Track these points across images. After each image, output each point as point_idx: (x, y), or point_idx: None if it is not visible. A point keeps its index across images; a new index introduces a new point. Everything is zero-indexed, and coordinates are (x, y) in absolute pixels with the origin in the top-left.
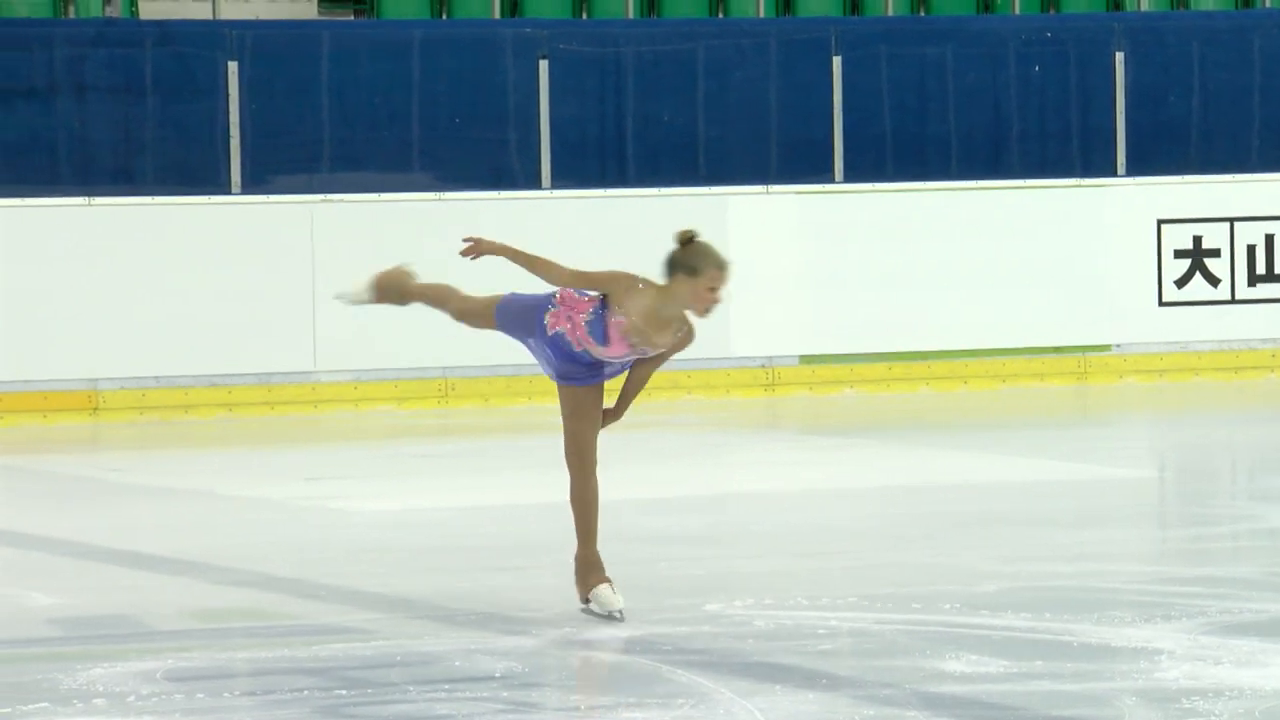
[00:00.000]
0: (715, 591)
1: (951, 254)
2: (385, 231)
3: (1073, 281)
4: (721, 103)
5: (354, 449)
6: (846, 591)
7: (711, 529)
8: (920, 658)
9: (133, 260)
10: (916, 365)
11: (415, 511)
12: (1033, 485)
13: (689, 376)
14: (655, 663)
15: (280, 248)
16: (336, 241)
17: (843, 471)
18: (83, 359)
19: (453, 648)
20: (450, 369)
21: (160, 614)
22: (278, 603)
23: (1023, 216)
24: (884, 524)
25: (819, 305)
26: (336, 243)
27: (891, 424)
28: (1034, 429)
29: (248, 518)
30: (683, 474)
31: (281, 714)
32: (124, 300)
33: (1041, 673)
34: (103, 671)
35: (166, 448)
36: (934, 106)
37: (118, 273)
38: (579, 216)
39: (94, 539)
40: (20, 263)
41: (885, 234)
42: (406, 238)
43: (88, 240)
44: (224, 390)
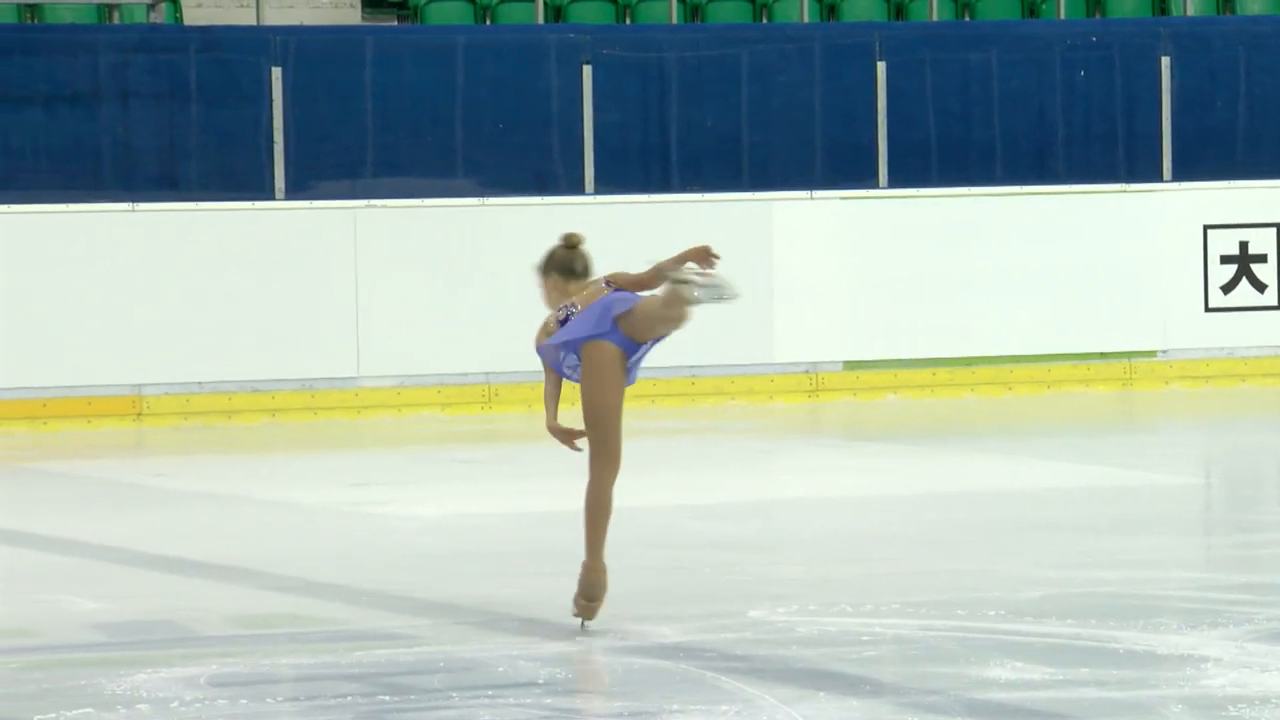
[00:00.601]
0: (759, 598)
1: (996, 259)
2: (428, 237)
3: (1119, 287)
4: (765, 108)
5: (397, 455)
6: (890, 598)
7: (755, 535)
8: (964, 665)
9: (177, 266)
10: (961, 371)
11: (458, 517)
12: (1078, 491)
13: (732, 382)
14: (699, 669)
15: (323, 253)
16: (379, 247)
17: (886, 478)
18: (127, 364)
19: (496, 653)
20: (494, 374)
21: (204, 619)
22: (321, 608)
23: (1068, 222)
24: (928, 530)
25: (863, 310)
26: (379, 248)
27: (936, 430)
28: (1080, 435)
29: (291, 523)
30: (726, 480)
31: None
32: (168, 306)
33: (1086, 680)
34: (146, 677)
35: (210, 453)
36: (978, 111)
37: (162, 278)
38: (622, 222)
39: (138, 544)
40: (64, 268)
41: (929, 239)
42: (450, 243)
43: (132, 246)
44: (267, 396)
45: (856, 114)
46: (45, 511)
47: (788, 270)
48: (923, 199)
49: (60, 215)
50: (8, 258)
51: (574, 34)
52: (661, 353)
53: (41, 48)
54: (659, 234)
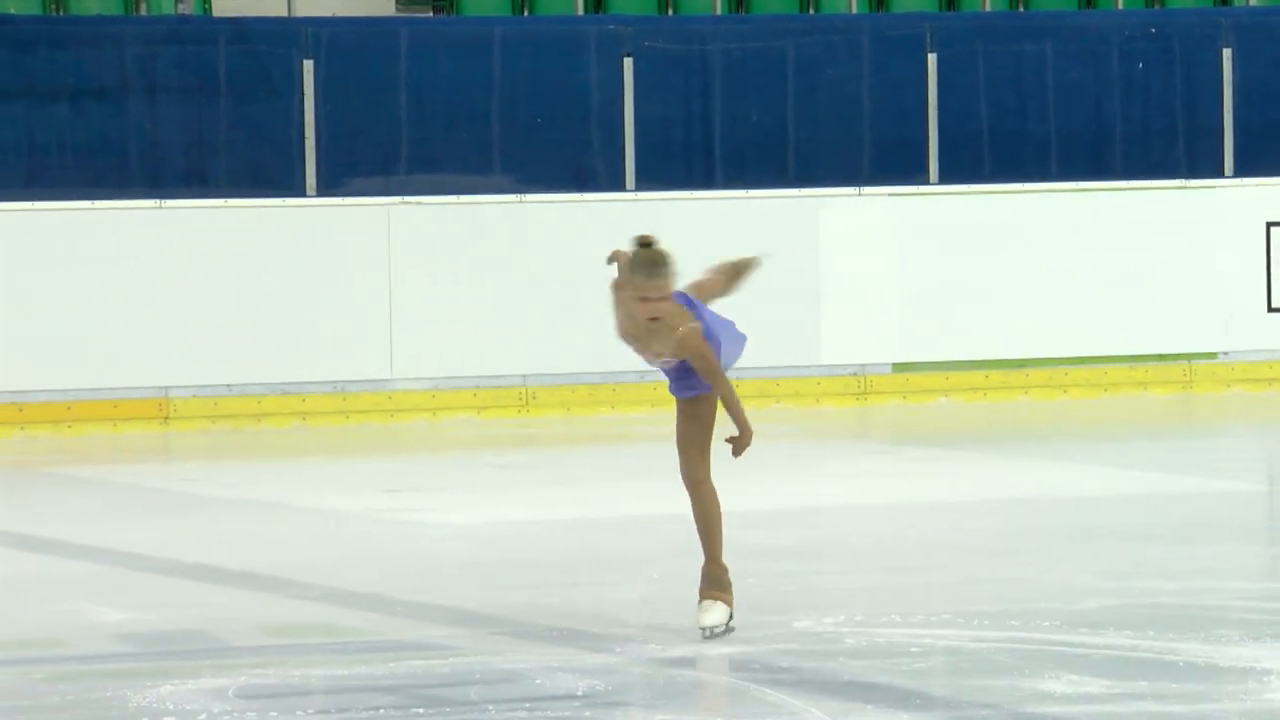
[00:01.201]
0: (805, 608)
1: (1051, 258)
2: (464, 235)
3: (1178, 286)
4: (812, 102)
5: (432, 460)
6: (941, 608)
7: (801, 543)
8: (1018, 677)
9: (205, 265)
10: (1014, 373)
11: (495, 524)
12: (1136, 498)
13: (778, 385)
14: (743, 681)
15: (356, 252)
16: (414, 245)
17: (937, 484)
18: (154, 366)
19: (534, 665)
20: (531, 377)
21: (233, 629)
22: (353, 618)
23: (1126, 219)
24: (980, 538)
25: (913, 311)
26: (414, 246)
27: (988, 434)
28: (1137, 440)
29: (322, 530)
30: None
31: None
32: (196, 306)
33: (1145, 693)
34: (173, 689)
35: (239, 458)
36: (1033, 105)
37: (189, 277)
38: (663, 220)
39: (165, 552)
40: (90, 267)
41: (982, 237)
42: (486, 241)
43: (159, 244)
44: (298, 399)
45: (906, 108)
46: (69, 518)
47: (835, 269)
48: (975, 196)
49: (85, 212)
50: (32, 255)
51: (615, 25)
52: None
53: (67, 40)
54: (702, 232)
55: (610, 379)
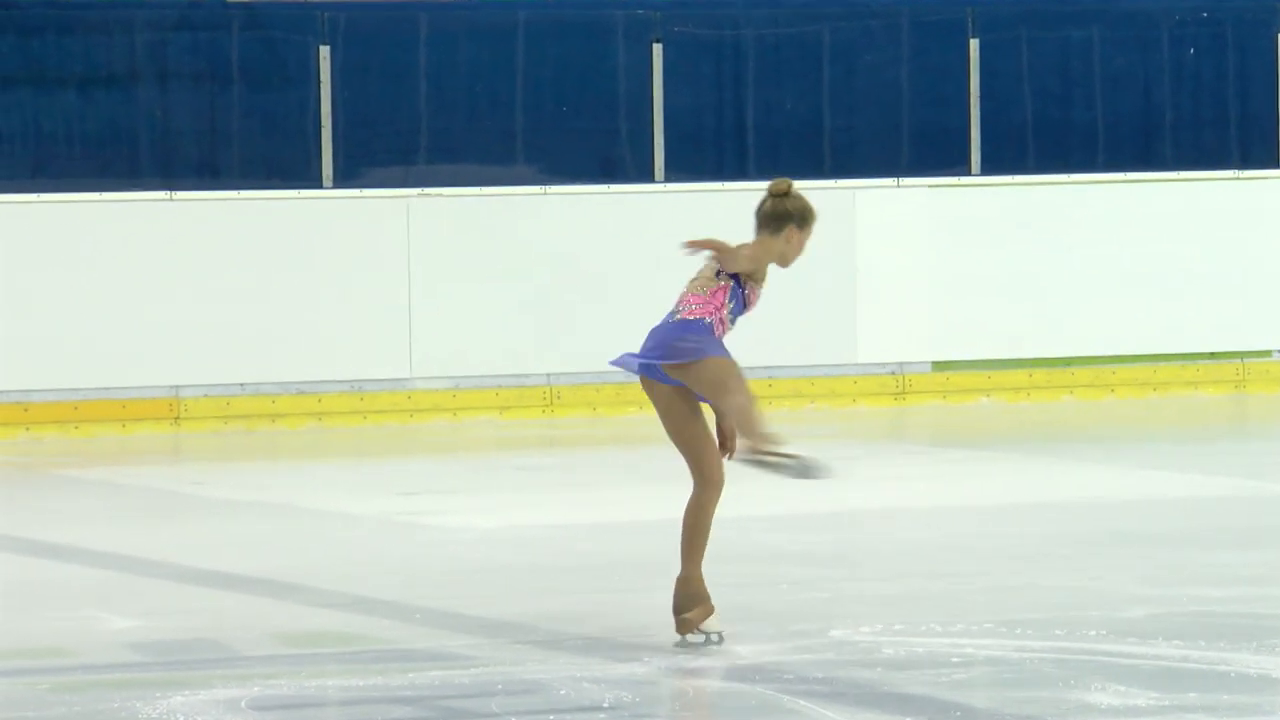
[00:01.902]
0: (841, 616)
1: (1098, 251)
2: (486, 227)
3: (1230, 281)
4: (849, 89)
5: (452, 462)
6: (983, 616)
7: (837, 548)
8: (1063, 689)
9: (217, 258)
10: (1059, 372)
11: (518, 529)
12: (1186, 502)
13: (812, 384)
14: (775, 692)
15: (374, 245)
16: (434, 238)
17: (979, 487)
18: (164, 365)
19: (558, 675)
20: (555, 376)
21: (245, 638)
22: (371, 626)
23: (1176, 211)
24: (1024, 544)
25: (953, 307)
26: (434, 239)
27: (1032, 436)
28: (1187, 442)
29: (339, 535)
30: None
31: None
32: (207, 302)
33: (1195, 705)
34: (183, 700)
35: (252, 460)
36: (1079, 93)
37: (201, 272)
38: (694, 211)
39: (175, 557)
40: (97, 261)
41: (1025, 230)
42: (509, 234)
43: (169, 237)
44: (313, 399)
45: (947, 96)
46: (77, 521)
47: (872, 264)
48: (1018, 187)
49: (94, 205)
50: (37, 249)
51: (643, 10)
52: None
53: (74, 25)
54: (734, 225)
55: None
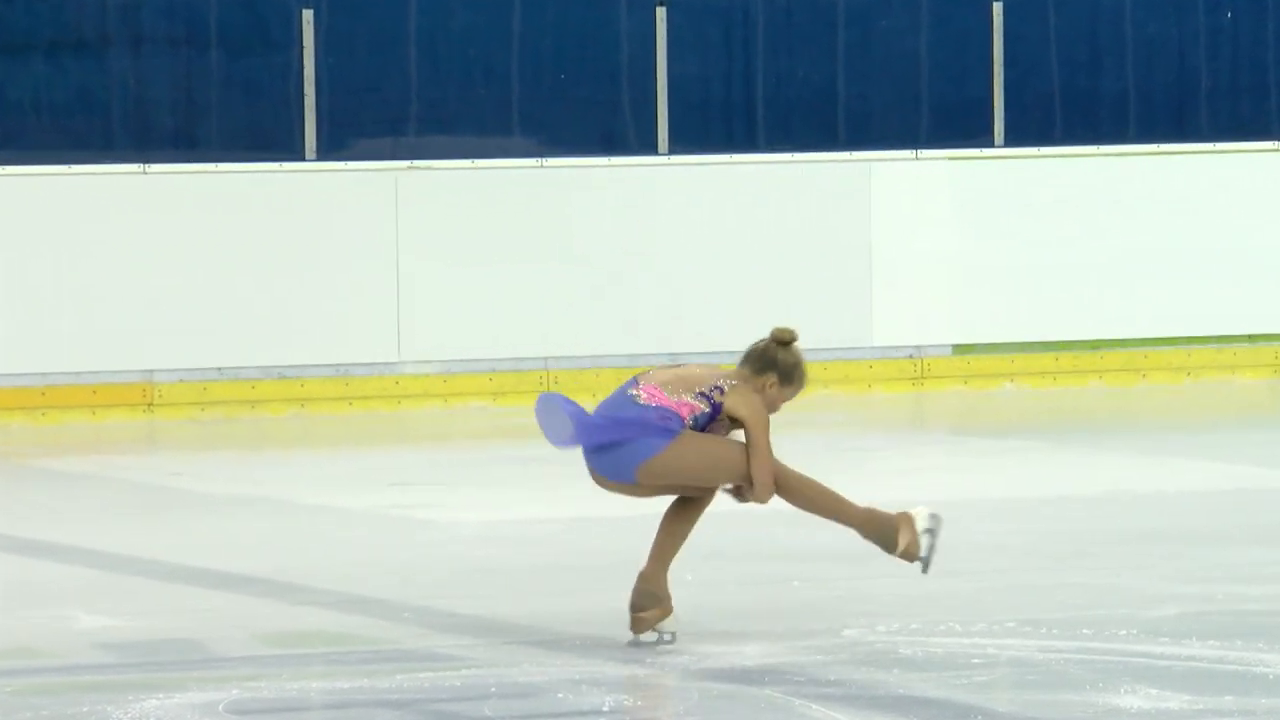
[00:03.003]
0: (854, 615)
1: (1128, 228)
2: (480, 202)
3: (1269, 259)
4: (864, 56)
5: (444, 451)
6: (1005, 615)
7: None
8: (1091, 691)
9: (194, 235)
10: (1087, 356)
11: (513, 523)
12: (1222, 495)
13: (825, 369)
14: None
15: (361, 221)
16: (424, 214)
17: (1001, 478)
18: (136, 348)
19: (555, 677)
20: (552, 360)
21: (224, 638)
22: (356, 625)
23: (1212, 185)
24: (1049, 539)
25: (974, 287)
26: (424, 215)
27: (1058, 423)
28: (1224, 430)
29: (325, 529)
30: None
31: None
32: (183, 281)
33: (1231, 709)
34: (157, 703)
35: (231, 449)
36: (1109, 59)
37: (177, 249)
38: (700, 186)
39: (149, 553)
40: (66, 237)
41: (1052, 205)
42: (504, 209)
43: (143, 212)
44: (296, 384)
45: (969, 63)
46: (45, 515)
47: (889, 241)
48: (1044, 159)
49: (63, 178)
50: (4, 224)
51: None
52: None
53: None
54: (742, 201)
55: (639, 361)
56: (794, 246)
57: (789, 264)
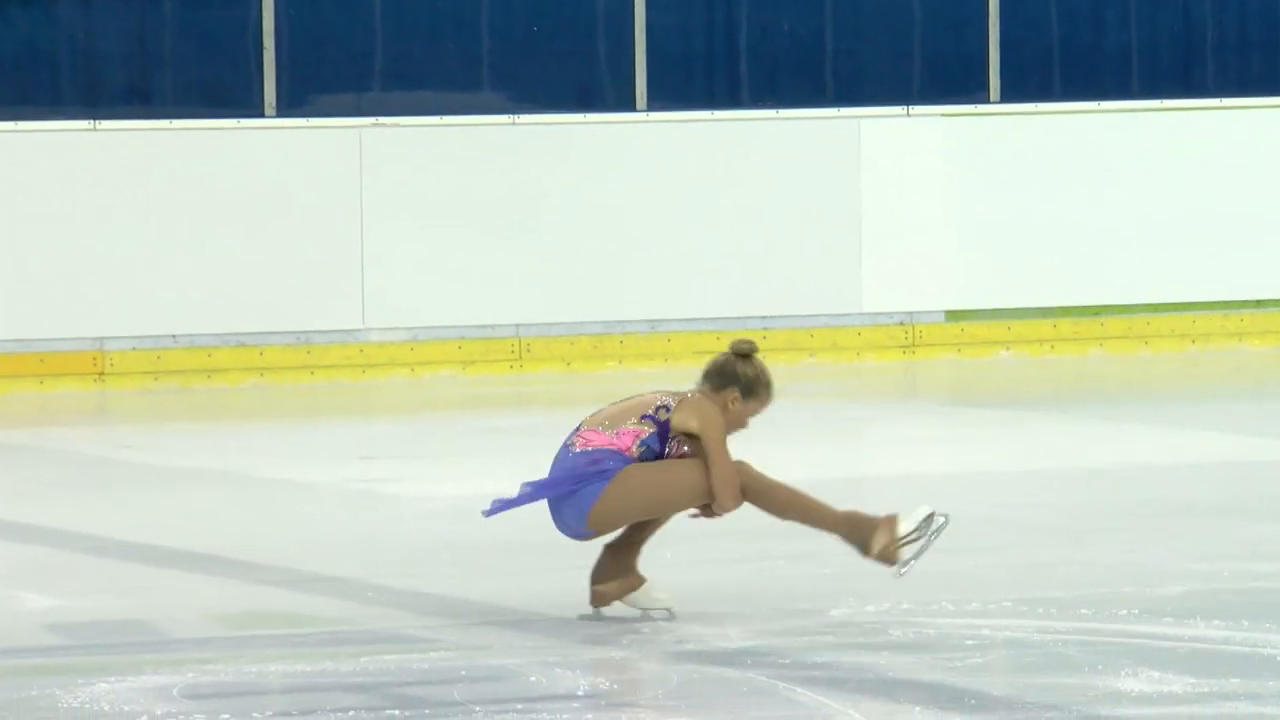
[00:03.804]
0: (843, 594)
1: (1131, 188)
2: (448, 161)
3: (1278, 221)
4: (854, 7)
5: (411, 423)
6: (1001, 594)
7: None
8: (1091, 674)
9: (147, 196)
10: (1087, 323)
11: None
12: (1229, 467)
13: (812, 336)
14: (769, 678)
15: (323, 180)
16: (390, 173)
17: (997, 451)
18: (87, 314)
19: (527, 660)
20: (524, 327)
21: (178, 619)
22: (319, 606)
23: (1218, 143)
24: (1047, 514)
25: (969, 250)
26: (390, 175)
27: (1056, 394)
28: (1231, 400)
29: (285, 505)
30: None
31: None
32: (136, 244)
33: (1238, 692)
34: (109, 687)
35: (186, 421)
36: (1111, 12)
37: (129, 210)
38: (680, 144)
39: (100, 530)
40: (12, 197)
41: (1050, 165)
42: (474, 169)
43: (93, 171)
44: (254, 352)
45: (964, 15)
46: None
47: (879, 202)
48: (1043, 116)
49: (9, 135)
50: None
51: None
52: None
53: None
54: (725, 160)
55: (616, 329)
56: (779, 208)
57: (774, 226)
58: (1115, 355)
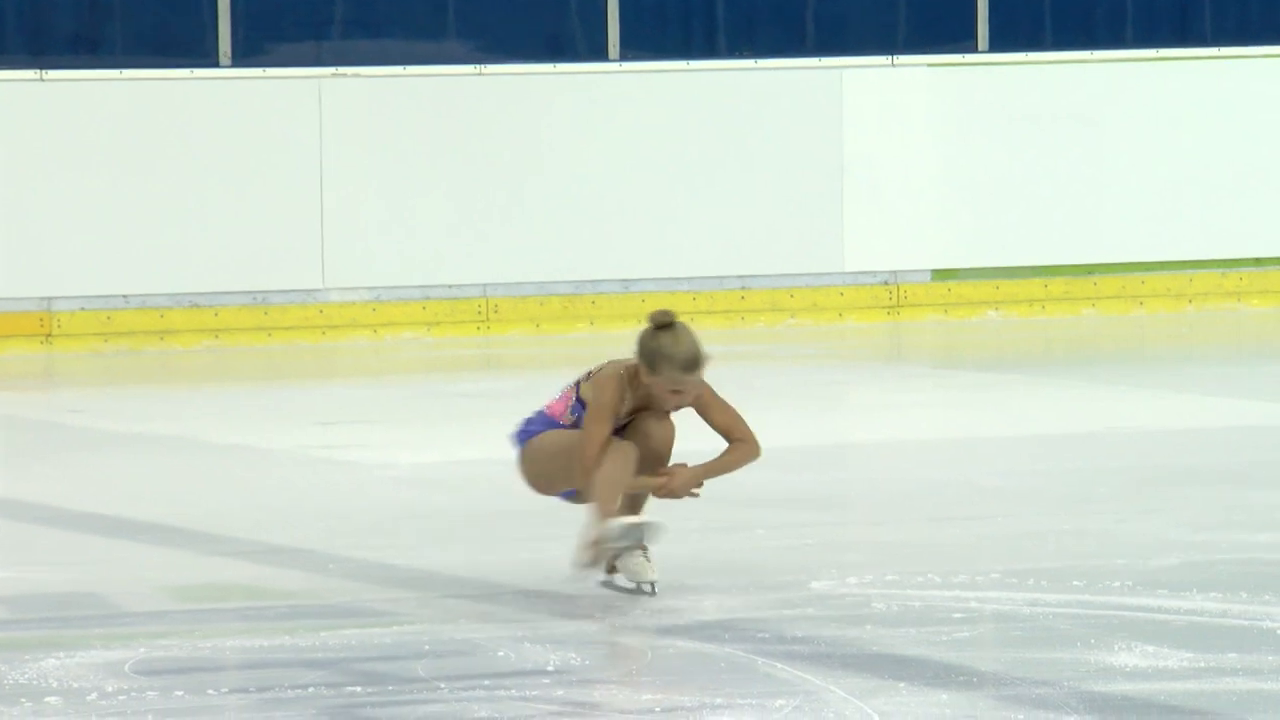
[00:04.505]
0: (824, 565)
1: (1125, 141)
2: (412, 113)
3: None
4: None
5: (373, 387)
6: (990, 565)
7: (820, 488)
8: (1084, 649)
9: (96, 149)
10: (1079, 282)
11: (449, 465)
12: (1228, 432)
13: (792, 296)
14: (747, 653)
15: (280, 133)
16: (350, 126)
17: (986, 416)
18: (33, 273)
19: (495, 634)
20: (492, 287)
21: (131, 592)
22: (276, 578)
23: (1216, 94)
24: (1037, 482)
25: (956, 207)
26: (350, 127)
27: (1047, 356)
28: (1229, 362)
29: (241, 473)
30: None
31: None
32: (85, 199)
33: (1235, 667)
34: (58, 663)
35: (137, 384)
36: None
37: (77, 165)
38: (654, 95)
39: (48, 498)
40: None
41: (1041, 117)
42: (438, 121)
43: (40, 124)
44: (209, 313)
45: None
46: None
47: (863, 156)
48: (1033, 66)
49: None
50: None
51: None
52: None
53: None
54: (701, 112)
55: (588, 289)
56: (758, 163)
57: (752, 182)
58: (1109, 316)
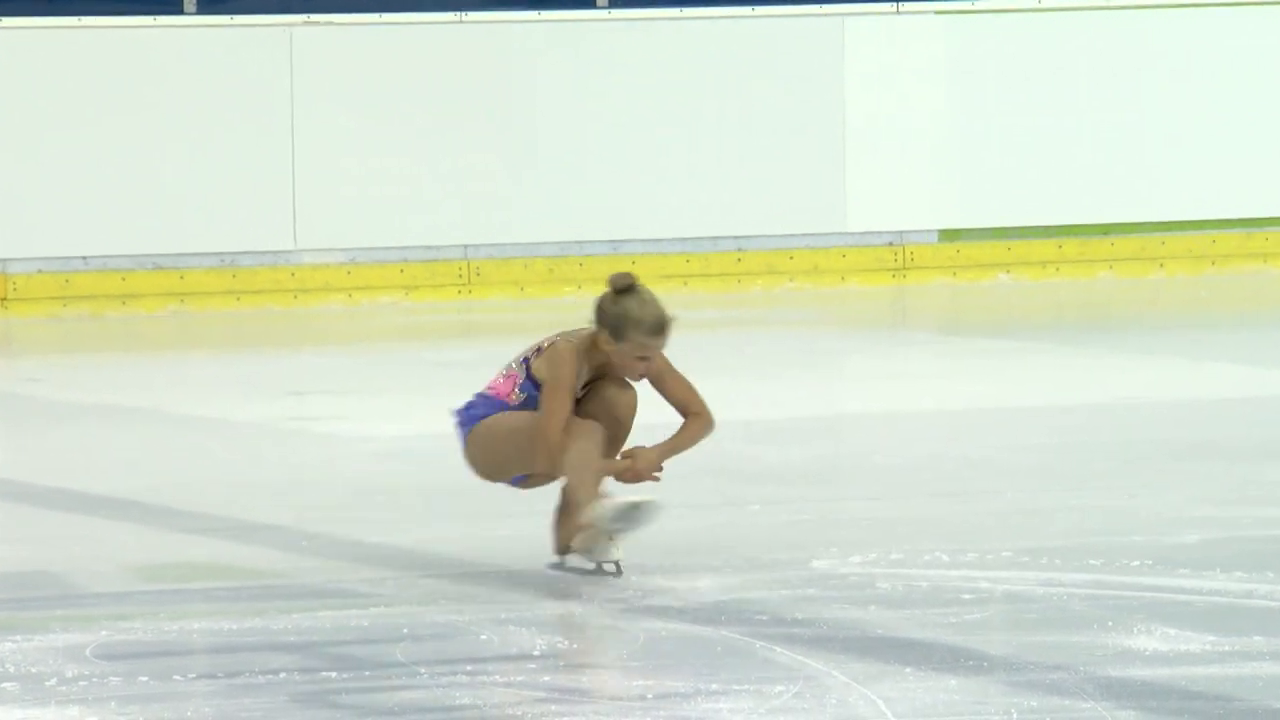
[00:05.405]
0: (825, 544)
1: (1143, 95)
2: (387, 64)
3: None
4: None
5: (349, 355)
6: (1001, 544)
7: (821, 461)
8: (1099, 631)
9: (54, 102)
10: (1095, 243)
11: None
12: (1251, 403)
13: (791, 258)
14: (745, 636)
15: (250, 86)
16: (323, 78)
17: (996, 385)
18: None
19: (477, 617)
20: (473, 248)
21: (91, 571)
22: (247, 557)
23: (1237, 44)
24: (1051, 455)
25: (964, 164)
26: (323, 79)
27: (1061, 321)
28: (1252, 328)
29: (209, 446)
30: (785, 388)
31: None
32: (42, 156)
33: (1260, 651)
34: (15, 646)
35: (99, 351)
36: None
37: (33, 119)
38: (642, 45)
39: (4, 472)
40: None
41: (1055, 69)
42: (416, 73)
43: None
44: (174, 276)
45: None
46: None
47: (865, 110)
48: (1046, 14)
49: None
50: None
51: None
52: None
53: None
54: (691, 64)
55: (574, 250)
56: (756, 117)
57: (750, 137)
58: (1125, 279)
